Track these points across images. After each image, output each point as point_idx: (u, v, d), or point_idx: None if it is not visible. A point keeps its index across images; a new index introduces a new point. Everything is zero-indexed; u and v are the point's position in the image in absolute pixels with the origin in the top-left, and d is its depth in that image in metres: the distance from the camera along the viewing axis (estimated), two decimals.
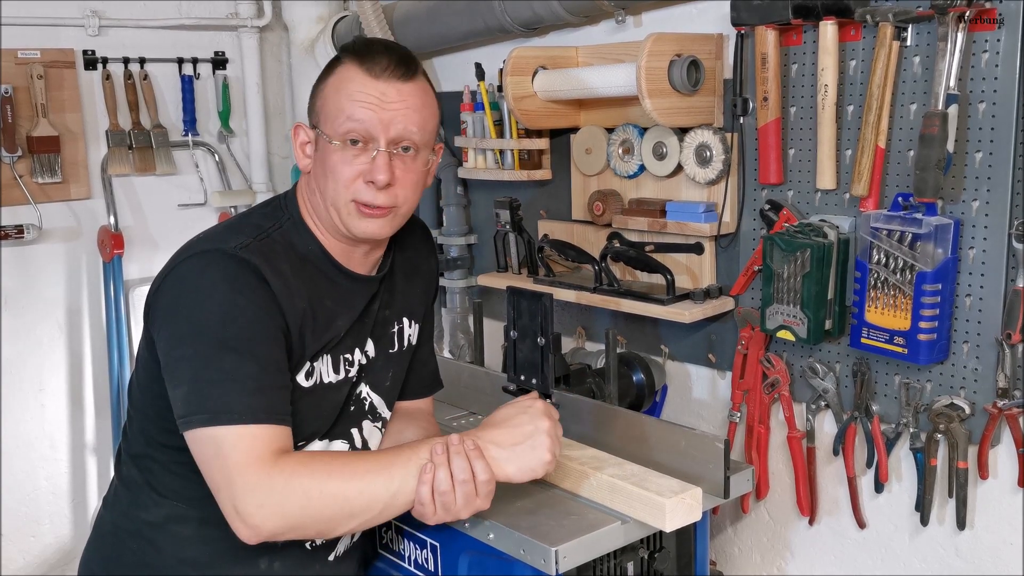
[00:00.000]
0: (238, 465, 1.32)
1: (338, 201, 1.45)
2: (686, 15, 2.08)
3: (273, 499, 1.32)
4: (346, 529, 1.41)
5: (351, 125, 1.43)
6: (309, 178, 1.52)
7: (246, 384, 1.35)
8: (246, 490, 1.31)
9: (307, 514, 1.34)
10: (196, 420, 1.34)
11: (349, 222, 1.46)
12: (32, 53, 2.70)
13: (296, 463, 1.35)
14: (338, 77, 1.46)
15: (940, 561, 1.84)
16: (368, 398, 1.61)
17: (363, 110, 1.42)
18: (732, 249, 2.04)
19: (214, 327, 1.35)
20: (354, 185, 1.44)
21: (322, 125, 1.46)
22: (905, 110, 1.72)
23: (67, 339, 2.90)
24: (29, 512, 2.87)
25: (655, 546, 1.70)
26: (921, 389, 1.76)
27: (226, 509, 1.34)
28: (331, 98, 1.46)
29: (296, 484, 1.33)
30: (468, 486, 1.40)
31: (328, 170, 1.45)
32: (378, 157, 1.43)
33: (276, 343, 1.40)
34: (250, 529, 1.33)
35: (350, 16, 2.90)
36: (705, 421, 2.19)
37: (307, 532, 1.39)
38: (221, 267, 1.38)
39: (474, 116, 2.41)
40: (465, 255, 2.66)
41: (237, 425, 1.33)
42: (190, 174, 3.04)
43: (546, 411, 1.50)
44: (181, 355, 1.37)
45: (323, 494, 1.34)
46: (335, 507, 1.35)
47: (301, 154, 1.52)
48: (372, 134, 1.43)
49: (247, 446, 1.33)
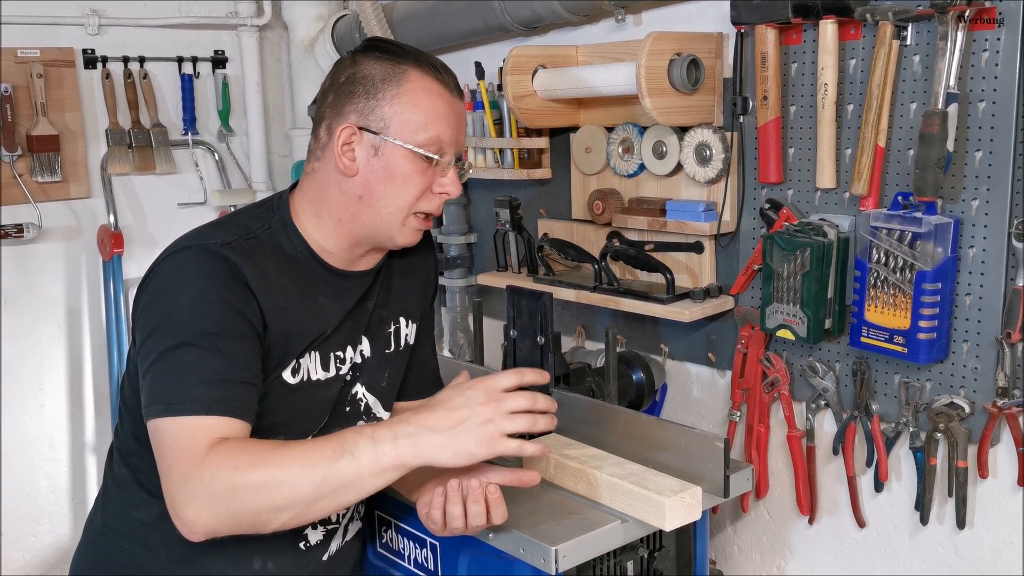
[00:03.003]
0: (175, 457, 1.28)
1: (400, 211, 1.47)
2: (686, 14, 2.08)
3: (201, 493, 1.27)
4: (279, 523, 1.31)
5: (435, 138, 1.46)
6: (342, 181, 1.47)
7: (202, 377, 1.32)
8: (178, 484, 1.27)
9: (234, 508, 1.28)
10: (152, 411, 1.32)
11: (401, 233, 1.49)
12: (32, 52, 2.70)
13: (224, 454, 1.29)
14: (418, 87, 1.46)
15: (940, 560, 1.84)
16: (363, 399, 1.61)
17: (448, 127, 1.47)
18: (732, 248, 2.04)
19: (182, 321, 1.35)
20: (424, 196, 1.48)
21: (394, 133, 1.44)
22: (905, 109, 1.71)
23: (67, 338, 2.90)
24: (29, 512, 2.87)
25: (655, 545, 1.70)
26: (921, 388, 1.76)
27: (168, 504, 1.30)
28: (414, 108, 1.45)
29: (220, 478, 1.27)
30: (480, 520, 1.42)
31: (399, 178, 1.45)
32: (452, 172, 1.49)
33: (245, 339, 1.38)
34: (186, 525, 1.28)
35: (350, 15, 2.90)
36: (705, 420, 2.19)
37: (241, 527, 1.31)
38: (198, 262, 1.38)
39: (474, 115, 2.41)
40: (465, 254, 2.66)
41: (185, 416, 1.30)
42: (190, 173, 3.04)
43: (488, 392, 1.34)
44: (149, 347, 1.36)
45: (247, 488, 1.27)
46: (260, 501, 1.28)
47: (342, 155, 1.46)
48: (449, 149, 1.48)
49: (187, 437, 1.29)
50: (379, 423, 1.39)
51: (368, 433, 1.32)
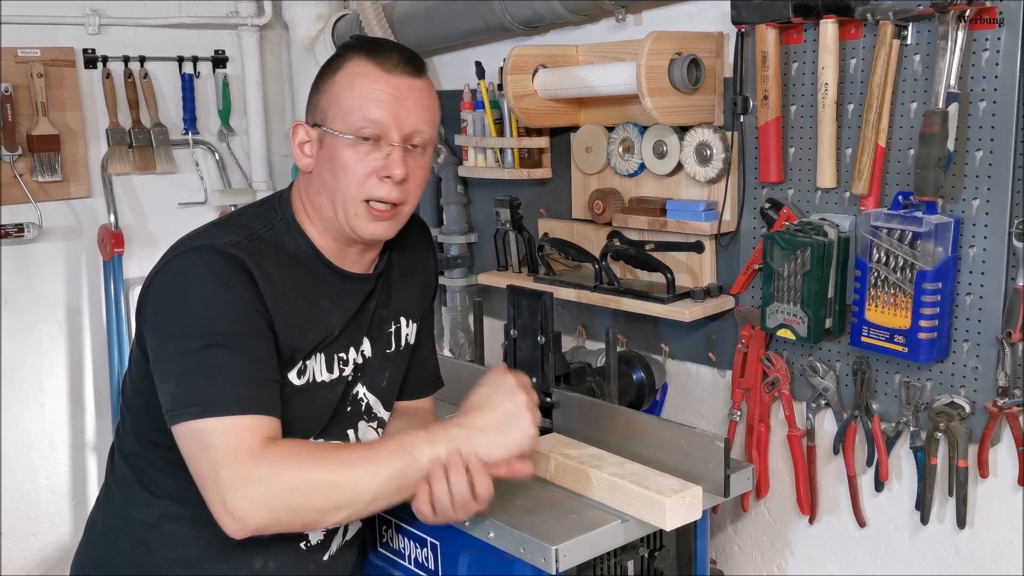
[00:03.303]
0: (225, 457, 1.30)
1: (348, 200, 1.44)
2: (686, 14, 2.08)
3: (260, 490, 1.29)
4: (332, 521, 1.37)
5: (366, 121, 1.42)
6: (310, 178, 1.50)
7: (234, 377, 1.34)
8: (233, 482, 1.29)
9: (294, 505, 1.31)
10: (184, 414, 1.33)
11: (357, 223, 1.46)
12: (32, 52, 2.70)
13: (283, 453, 1.33)
14: (348, 72, 1.44)
15: (940, 560, 1.84)
16: (364, 399, 1.61)
17: (379, 106, 1.42)
18: (732, 248, 2.04)
19: (202, 322, 1.35)
20: (368, 182, 1.44)
21: (330, 122, 1.44)
22: (905, 109, 1.71)
23: (67, 338, 2.90)
24: (29, 511, 2.87)
25: (655, 545, 1.70)
26: (921, 388, 1.76)
27: (212, 502, 1.31)
28: (343, 94, 1.44)
29: (283, 475, 1.30)
30: (465, 497, 1.40)
31: (339, 167, 1.44)
32: (394, 152, 1.43)
33: (264, 338, 1.39)
34: (237, 522, 1.30)
35: (350, 15, 2.90)
36: (705, 420, 2.19)
37: (293, 524, 1.36)
38: (210, 263, 1.38)
39: (474, 115, 2.41)
40: (465, 254, 2.66)
41: (225, 417, 1.31)
42: (190, 172, 3.04)
43: (520, 383, 1.46)
44: (170, 351, 1.36)
45: (310, 484, 1.32)
46: (322, 498, 1.32)
47: (300, 153, 1.50)
48: (387, 130, 1.43)
49: (234, 438, 1.31)
50: (430, 427, 1.43)
51: (424, 436, 1.39)
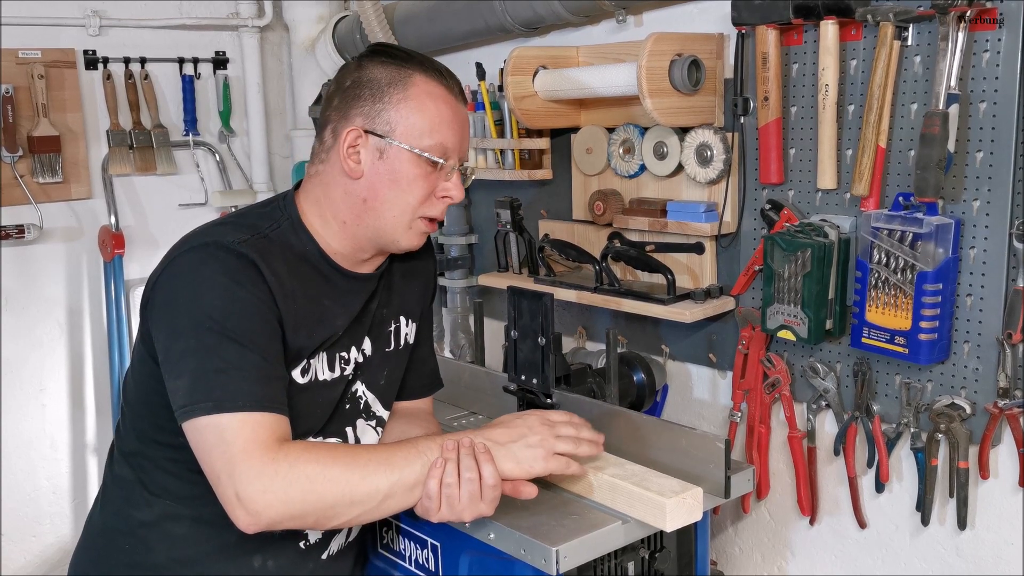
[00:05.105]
0: (242, 451, 1.31)
1: (404, 213, 1.49)
2: (687, 15, 2.08)
3: (277, 485, 1.31)
4: (346, 518, 1.38)
5: (439, 144, 1.47)
6: (344, 183, 1.48)
7: (248, 374, 1.35)
8: (250, 476, 1.30)
9: (309, 500, 1.32)
10: (199, 409, 1.33)
11: (405, 236, 1.51)
12: (33, 53, 2.70)
13: (300, 449, 1.35)
14: (423, 92, 1.47)
15: (941, 561, 1.84)
16: (363, 396, 1.61)
17: (451, 131, 1.49)
18: (733, 249, 2.04)
19: (215, 318, 1.35)
20: (428, 200, 1.50)
21: (399, 136, 1.46)
22: (906, 110, 1.72)
23: (68, 339, 2.90)
24: (30, 512, 2.87)
25: (656, 546, 1.70)
26: (922, 389, 1.76)
27: (227, 497, 1.32)
28: (419, 112, 1.46)
29: (300, 469, 1.32)
30: (473, 484, 1.40)
31: (403, 181, 1.47)
32: (456, 177, 1.51)
33: (274, 335, 1.41)
34: (251, 516, 1.31)
35: (351, 16, 2.90)
36: (706, 421, 2.19)
37: (307, 520, 1.36)
38: (220, 260, 1.38)
39: (475, 116, 2.41)
40: (466, 255, 2.66)
41: (241, 412, 1.33)
42: (191, 174, 3.04)
43: (541, 418, 1.53)
44: (182, 347, 1.36)
45: (326, 480, 1.33)
46: (337, 494, 1.34)
47: (347, 158, 1.47)
48: (452, 155, 1.50)
49: (251, 433, 1.32)
50: (447, 434, 1.46)
51: (439, 439, 1.43)
